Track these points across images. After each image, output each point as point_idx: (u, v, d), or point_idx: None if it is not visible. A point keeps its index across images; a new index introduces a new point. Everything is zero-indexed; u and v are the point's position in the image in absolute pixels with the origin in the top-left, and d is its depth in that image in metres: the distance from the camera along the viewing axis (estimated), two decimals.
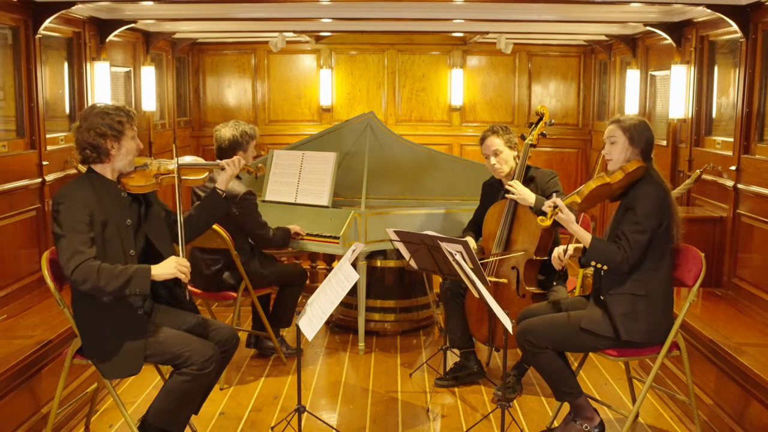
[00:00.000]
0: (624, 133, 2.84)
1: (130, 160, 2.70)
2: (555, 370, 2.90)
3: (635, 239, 2.74)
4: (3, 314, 3.51)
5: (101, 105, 2.70)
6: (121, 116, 2.64)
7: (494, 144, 3.54)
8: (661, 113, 5.62)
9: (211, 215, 3.02)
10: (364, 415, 3.39)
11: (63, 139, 4.46)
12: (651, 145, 2.86)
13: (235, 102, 7.45)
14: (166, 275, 2.58)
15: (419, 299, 4.57)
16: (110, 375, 2.67)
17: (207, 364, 2.59)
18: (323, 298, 2.82)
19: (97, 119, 2.61)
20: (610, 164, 2.87)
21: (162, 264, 2.60)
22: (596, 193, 2.81)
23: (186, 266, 2.61)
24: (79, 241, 2.49)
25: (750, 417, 2.90)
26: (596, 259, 2.79)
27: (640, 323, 2.79)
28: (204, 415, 3.11)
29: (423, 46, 7.36)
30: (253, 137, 3.77)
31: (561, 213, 2.78)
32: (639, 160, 2.83)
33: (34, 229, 4.02)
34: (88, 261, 2.47)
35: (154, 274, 2.56)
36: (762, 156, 3.93)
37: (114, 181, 2.69)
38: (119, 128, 2.62)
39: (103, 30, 4.83)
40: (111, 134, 2.61)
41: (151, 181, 2.74)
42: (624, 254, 2.74)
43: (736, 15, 3.98)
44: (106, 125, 2.60)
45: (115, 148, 2.64)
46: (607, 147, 2.89)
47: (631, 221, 2.76)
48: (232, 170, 3.00)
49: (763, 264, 3.82)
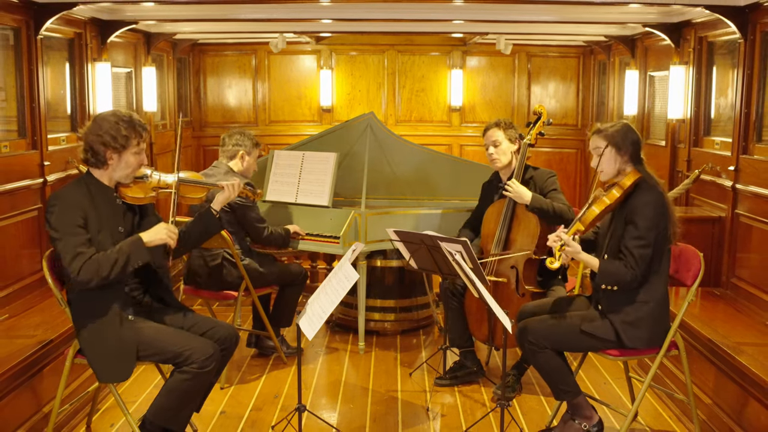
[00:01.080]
0: (608, 143, 2.81)
1: (129, 173, 2.67)
2: (554, 369, 2.91)
3: (640, 254, 2.72)
4: (5, 314, 3.52)
5: (115, 114, 2.66)
6: (128, 130, 2.61)
7: (494, 135, 3.63)
8: (659, 114, 5.63)
9: (204, 233, 3.00)
10: (364, 414, 3.40)
11: (64, 140, 4.48)
12: (638, 147, 2.83)
13: (236, 102, 7.47)
14: (157, 240, 2.60)
15: (419, 299, 4.59)
16: (104, 379, 2.67)
17: (207, 363, 2.60)
18: (323, 297, 2.83)
19: (105, 126, 2.60)
20: (602, 175, 2.85)
21: (152, 230, 2.62)
22: (599, 217, 2.82)
23: (175, 232, 2.64)
24: (77, 242, 2.50)
25: (748, 416, 2.92)
26: (606, 282, 2.78)
27: (642, 330, 2.79)
28: (205, 414, 3.12)
29: (423, 47, 7.38)
30: (256, 145, 3.90)
31: (568, 247, 2.75)
32: (633, 171, 2.80)
33: (36, 229, 4.03)
34: (90, 259, 2.49)
35: (147, 241, 2.58)
36: (760, 156, 3.94)
37: (111, 188, 2.68)
38: (123, 142, 2.60)
39: (104, 31, 4.84)
40: (113, 145, 2.59)
41: (150, 194, 2.73)
42: (633, 272, 2.72)
43: (735, 16, 4.00)
44: (111, 136, 2.58)
45: (114, 159, 2.62)
46: (595, 159, 2.86)
47: (633, 236, 2.73)
48: (229, 192, 2.99)
49: (761, 264, 3.84)
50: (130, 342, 2.61)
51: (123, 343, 2.61)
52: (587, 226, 2.81)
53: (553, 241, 2.78)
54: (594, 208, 2.79)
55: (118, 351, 2.61)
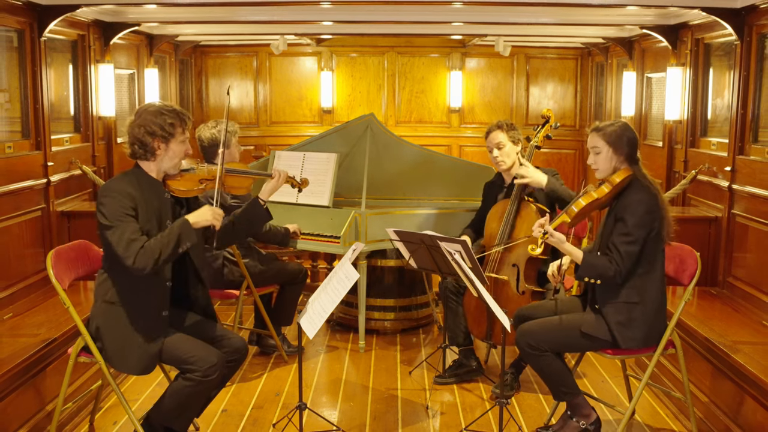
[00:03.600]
0: (606, 142, 2.82)
1: (176, 163, 2.70)
2: (554, 372, 2.92)
3: (626, 250, 2.72)
4: (8, 313, 3.54)
5: (158, 104, 2.70)
6: (173, 119, 2.63)
7: (498, 137, 3.64)
8: (656, 115, 5.67)
9: (252, 224, 3.03)
10: (364, 412, 3.43)
11: (68, 140, 4.51)
12: (635, 146, 2.84)
13: (238, 104, 7.51)
14: (204, 222, 2.63)
15: (419, 298, 4.62)
16: (123, 369, 2.67)
17: (210, 372, 2.60)
18: (324, 296, 2.84)
19: (150, 117, 2.62)
20: (597, 173, 2.86)
21: (198, 212, 2.64)
22: (585, 210, 2.80)
23: (220, 214, 2.66)
24: (131, 230, 2.50)
25: (744, 414, 2.94)
26: (588, 275, 2.77)
27: (636, 330, 2.79)
28: (207, 412, 3.12)
29: (422, 49, 7.42)
30: (233, 133, 3.77)
31: (551, 237, 2.76)
32: (626, 169, 2.81)
33: (39, 229, 4.07)
34: (144, 246, 2.49)
35: (193, 222, 2.60)
36: (756, 157, 3.97)
37: (159, 181, 2.70)
38: (170, 130, 2.62)
39: (107, 33, 4.87)
40: (160, 134, 2.61)
41: (196, 185, 2.74)
42: (616, 267, 2.72)
43: (731, 18, 4.02)
44: (158, 125, 2.60)
45: (161, 149, 2.64)
46: (592, 157, 2.87)
47: (621, 232, 2.74)
48: (277, 182, 3.01)
49: (757, 263, 3.86)
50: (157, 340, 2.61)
51: (150, 339, 2.61)
52: (573, 218, 2.80)
53: (537, 230, 2.79)
54: (581, 200, 2.79)
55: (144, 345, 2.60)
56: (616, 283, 2.78)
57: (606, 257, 2.77)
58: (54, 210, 4.19)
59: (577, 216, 2.81)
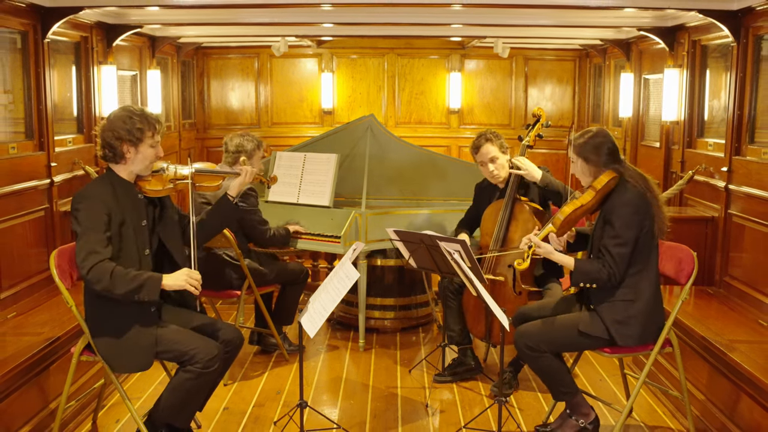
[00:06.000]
0: (576, 155, 2.85)
1: (147, 166, 2.74)
2: (554, 372, 2.94)
3: (617, 253, 2.73)
4: (12, 311, 3.57)
5: (127, 109, 2.72)
6: (142, 123, 2.67)
7: (490, 152, 3.56)
8: (654, 116, 5.70)
9: (223, 220, 3.08)
10: (364, 411, 3.45)
11: (71, 141, 4.54)
12: (613, 150, 2.81)
13: (239, 105, 7.54)
14: (176, 286, 2.63)
15: (418, 297, 4.64)
16: (121, 370, 2.72)
17: (211, 363, 2.64)
18: (325, 296, 2.87)
19: (118, 122, 2.66)
20: (582, 180, 2.89)
21: (173, 275, 2.65)
22: (571, 217, 2.80)
23: (197, 279, 2.66)
24: (96, 240, 2.54)
25: (741, 412, 2.96)
26: (582, 280, 2.79)
27: (633, 328, 2.81)
28: (208, 410, 3.16)
29: (422, 50, 7.45)
30: (259, 146, 3.87)
31: (539, 249, 2.78)
32: (608, 172, 2.80)
33: (43, 229, 4.10)
34: (104, 262, 2.52)
35: (165, 284, 2.60)
36: (752, 157, 4.00)
37: (131, 183, 2.74)
38: (138, 135, 2.66)
39: (109, 34, 4.90)
40: (128, 139, 2.65)
41: (167, 185, 2.80)
42: (609, 270, 2.74)
43: (728, 20, 4.05)
44: (125, 130, 2.65)
45: (131, 153, 2.68)
46: (572, 166, 2.91)
47: (610, 235, 2.75)
48: (244, 178, 3.06)
49: (753, 263, 3.89)
50: (149, 334, 2.65)
51: (142, 334, 2.64)
52: (560, 227, 2.81)
53: (525, 244, 2.82)
54: (566, 208, 2.79)
55: (137, 342, 2.64)
56: (613, 286, 2.80)
57: (598, 261, 2.78)
58: (57, 210, 4.22)
59: (563, 224, 2.81)
